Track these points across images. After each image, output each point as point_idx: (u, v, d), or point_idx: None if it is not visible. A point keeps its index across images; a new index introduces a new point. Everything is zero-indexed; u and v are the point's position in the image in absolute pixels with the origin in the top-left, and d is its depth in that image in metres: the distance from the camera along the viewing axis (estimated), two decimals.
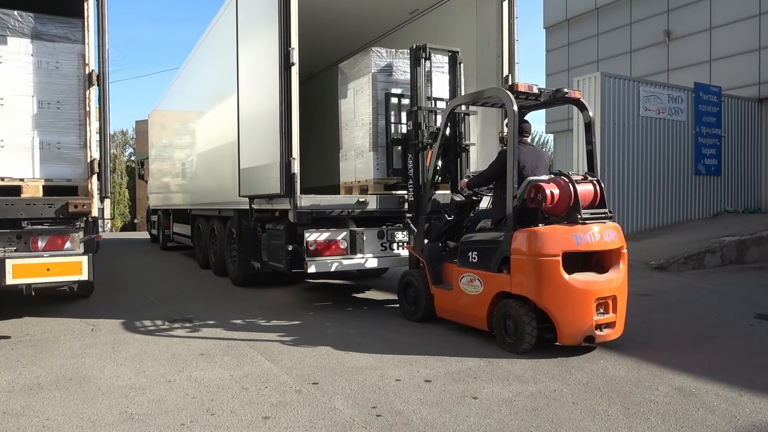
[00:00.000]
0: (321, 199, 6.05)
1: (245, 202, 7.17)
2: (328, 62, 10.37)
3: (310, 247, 5.96)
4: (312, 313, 6.35)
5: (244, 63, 7.06)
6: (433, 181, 5.66)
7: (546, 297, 4.40)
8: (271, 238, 6.65)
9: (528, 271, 4.47)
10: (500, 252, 4.70)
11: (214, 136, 9.38)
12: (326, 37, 9.01)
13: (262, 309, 6.54)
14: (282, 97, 5.79)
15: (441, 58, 6.44)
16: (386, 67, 6.45)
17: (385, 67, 6.44)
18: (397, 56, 6.51)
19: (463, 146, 6.22)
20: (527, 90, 4.85)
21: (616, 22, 17.47)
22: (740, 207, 13.50)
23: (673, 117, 12.46)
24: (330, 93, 8.55)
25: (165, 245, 14.42)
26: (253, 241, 7.57)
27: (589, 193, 4.64)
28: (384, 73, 6.43)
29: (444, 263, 5.50)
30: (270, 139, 6.06)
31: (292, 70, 5.73)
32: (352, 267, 6.26)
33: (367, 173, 6.46)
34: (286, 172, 5.80)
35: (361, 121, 6.57)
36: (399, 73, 6.44)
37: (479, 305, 4.90)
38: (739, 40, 14.13)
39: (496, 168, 5.08)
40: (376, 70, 6.39)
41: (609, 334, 4.53)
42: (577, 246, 4.44)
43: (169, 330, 5.56)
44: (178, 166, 12.88)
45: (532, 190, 4.55)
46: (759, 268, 9.52)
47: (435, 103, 6.24)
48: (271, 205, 6.53)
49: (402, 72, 6.43)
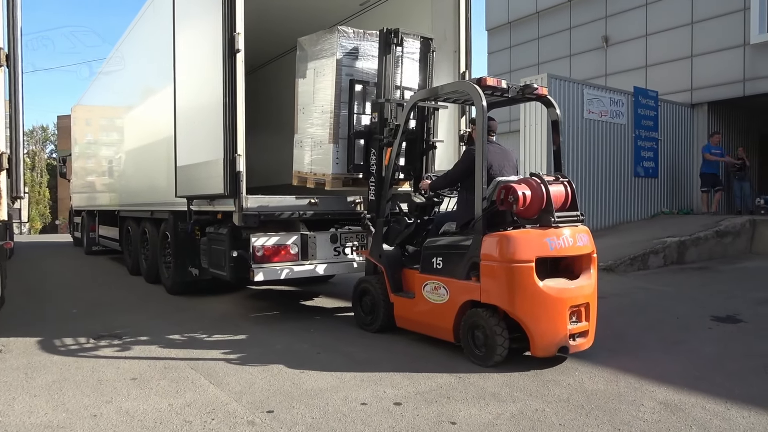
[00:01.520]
0: (269, 200, 5.54)
1: (182, 203, 6.53)
2: (275, 53, 9.79)
3: (257, 253, 5.43)
4: (258, 325, 5.81)
5: (182, 51, 6.42)
6: (392, 181, 5.27)
7: (519, 306, 4.11)
8: (213, 242, 6.06)
9: (499, 279, 4.17)
10: (468, 258, 4.36)
11: (147, 131, 8.62)
12: (271, 31, 8.44)
13: (203, 321, 5.94)
14: (226, 88, 5.24)
15: (413, 44, 5.89)
16: (353, 50, 5.79)
17: (351, 51, 5.78)
18: (365, 38, 5.81)
19: (430, 143, 5.83)
20: (496, 84, 4.56)
21: (556, 26, 17.74)
22: (675, 208, 13.93)
23: (615, 120, 12.67)
24: (283, 83, 7.95)
25: (90, 249, 13.33)
26: (190, 245, 6.94)
27: (560, 195, 4.40)
28: (350, 57, 5.78)
29: (404, 269, 5.13)
30: (211, 134, 5.49)
31: (237, 57, 5.20)
32: (304, 274, 5.77)
33: (325, 166, 5.83)
34: (230, 170, 5.25)
35: (321, 108, 5.88)
36: (366, 58, 5.82)
37: (445, 315, 4.55)
38: (673, 47, 14.59)
39: (463, 168, 4.76)
40: (341, 53, 5.69)
41: (582, 344, 4.30)
42: (551, 251, 4.18)
43: (94, 349, 4.88)
44: (104, 164, 11.91)
45: (503, 191, 4.24)
46: (698, 268, 9.74)
47: (403, 94, 5.77)
48: (213, 207, 5.95)
49: (369, 57, 5.82)
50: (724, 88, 13.59)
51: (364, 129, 5.72)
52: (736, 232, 11.18)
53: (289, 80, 6.36)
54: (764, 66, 12.82)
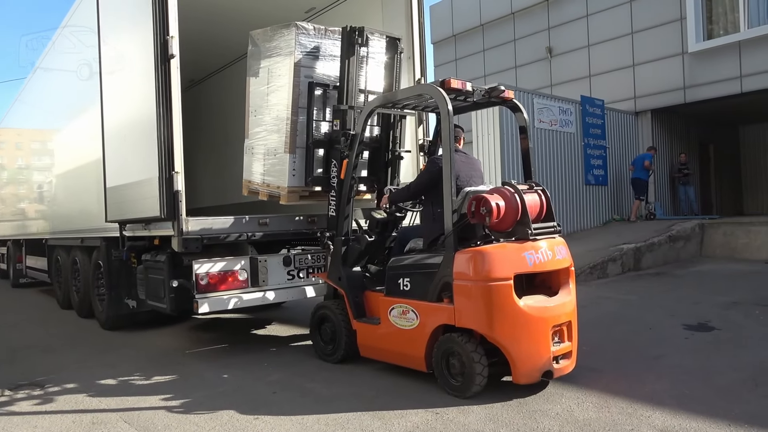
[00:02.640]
0: (213, 222, 4.98)
1: (114, 229, 5.88)
2: (222, 62, 9.12)
3: (201, 281, 4.85)
4: (205, 361, 5.20)
5: (109, 62, 5.81)
6: (350, 196, 4.82)
7: (498, 329, 3.71)
8: (150, 271, 5.42)
9: (475, 299, 3.77)
10: (439, 277, 3.95)
11: (74, 152, 7.88)
12: (215, 35, 7.85)
13: (140, 361, 5.28)
14: (159, 98, 4.68)
15: (378, 44, 5.39)
16: (313, 49, 5.16)
17: (311, 50, 5.15)
18: (326, 36, 5.28)
19: (395, 153, 5.40)
20: (461, 87, 4.20)
21: (501, 38, 17.86)
22: (625, 215, 14.07)
23: (564, 129, 12.69)
24: (234, 93, 7.33)
25: (17, 282, 12.18)
26: (126, 275, 6.28)
27: (536, 205, 4.05)
28: (309, 57, 5.19)
29: (367, 292, 4.67)
30: (144, 151, 4.91)
31: (171, 63, 4.65)
32: (255, 302, 5.20)
33: (280, 178, 5.22)
34: (166, 189, 4.68)
35: (277, 113, 5.25)
36: (327, 59, 5.25)
37: (415, 342, 4.10)
38: (615, 56, 14.86)
39: (427, 179, 4.37)
40: (300, 53, 5.08)
41: (566, 366, 3.95)
42: (530, 266, 3.83)
43: (8, 404, 4.17)
44: (30, 190, 10.98)
45: (474, 202, 3.87)
46: (655, 274, 9.72)
47: (368, 100, 5.25)
48: (149, 231, 5.33)
49: (330, 57, 5.26)
50: (665, 95, 13.90)
51: (325, 138, 5.16)
52: (687, 236, 11.32)
53: (242, 90, 5.79)
54: (703, 74, 13.18)
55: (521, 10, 17.15)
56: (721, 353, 4.75)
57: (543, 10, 16.61)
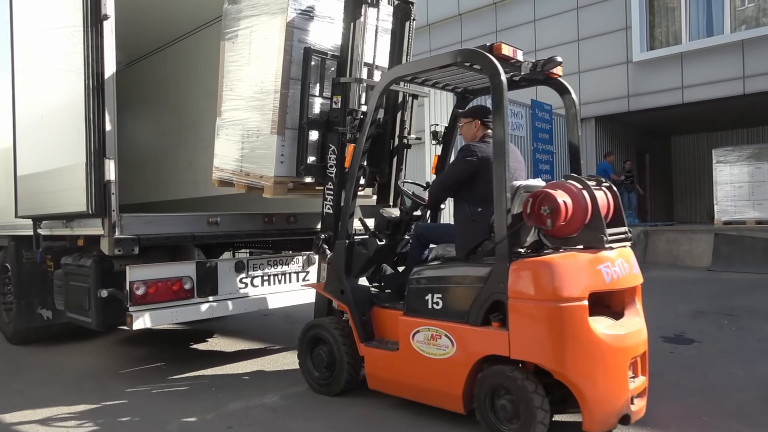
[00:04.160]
0: (153, 219, 4.16)
1: (27, 226, 4.92)
2: (188, 28, 7.73)
3: (137, 291, 4.02)
4: (137, 385, 4.35)
5: (23, 23, 4.85)
6: (356, 189, 3.98)
7: (570, 362, 2.95)
8: (71, 278, 4.50)
9: (539, 324, 3.01)
10: (486, 294, 3.16)
11: None
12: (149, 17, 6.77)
13: (55, 385, 4.37)
14: (88, 68, 3.84)
15: (386, 9, 4.58)
16: (308, 9, 4.25)
17: (306, 9, 4.24)
18: None
19: (404, 141, 4.67)
20: (511, 55, 3.41)
21: (447, 39, 17.61)
22: None
23: (515, 132, 12.51)
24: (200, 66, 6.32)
25: None
26: (40, 280, 5.32)
27: (603, 205, 3.29)
28: (304, 18, 4.21)
29: (374, 308, 3.87)
30: (68, 131, 4.05)
31: (104, 26, 3.82)
32: (201, 315, 4.41)
33: (264, 165, 4.25)
34: (95, 179, 3.85)
35: (261, 86, 4.28)
36: (324, 21, 4.36)
37: (450, 375, 3.28)
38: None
39: (465, 170, 3.59)
40: (294, 11, 4.15)
41: (641, 409, 3.26)
42: (607, 283, 3.12)
43: None
44: None
45: (531, 200, 3.11)
46: None
47: (373, 74, 4.53)
48: (71, 230, 4.44)
49: (328, 20, 4.39)
50: (610, 103, 14.07)
51: (321, 117, 4.29)
52: (633, 243, 11.37)
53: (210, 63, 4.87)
54: (647, 83, 13.41)
55: (468, 12, 17.01)
56: (713, 369, 4.47)
57: (491, 13, 16.53)
